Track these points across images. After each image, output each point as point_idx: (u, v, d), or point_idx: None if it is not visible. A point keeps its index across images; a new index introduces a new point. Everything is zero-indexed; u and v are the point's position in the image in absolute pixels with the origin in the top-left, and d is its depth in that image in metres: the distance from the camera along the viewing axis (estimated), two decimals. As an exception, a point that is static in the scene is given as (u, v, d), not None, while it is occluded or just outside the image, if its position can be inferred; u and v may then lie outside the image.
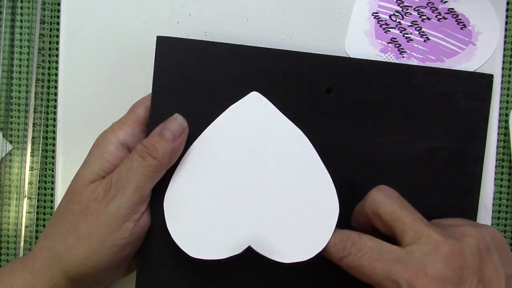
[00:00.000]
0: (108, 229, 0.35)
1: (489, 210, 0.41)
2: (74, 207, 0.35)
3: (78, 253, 0.34)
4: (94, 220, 0.34)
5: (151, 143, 0.35)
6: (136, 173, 0.35)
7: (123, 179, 0.35)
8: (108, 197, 0.35)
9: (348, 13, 0.41)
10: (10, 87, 0.43)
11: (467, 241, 0.32)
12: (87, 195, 0.35)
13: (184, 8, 0.41)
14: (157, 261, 0.38)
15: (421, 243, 0.31)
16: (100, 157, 0.36)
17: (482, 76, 0.39)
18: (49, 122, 0.43)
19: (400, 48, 0.41)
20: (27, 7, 0.42)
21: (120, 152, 0.36)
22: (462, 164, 0.38)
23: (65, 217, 0.35)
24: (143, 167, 0.35)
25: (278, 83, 0.38)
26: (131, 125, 0.37)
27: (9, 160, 0.43)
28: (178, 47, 0.37)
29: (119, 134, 0.36)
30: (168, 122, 0.36)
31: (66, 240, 0.35)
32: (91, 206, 0.35)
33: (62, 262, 0.35)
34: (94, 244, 0.34)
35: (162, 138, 0.35)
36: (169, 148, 0.35)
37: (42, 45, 0.42)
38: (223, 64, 0.38)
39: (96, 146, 0.36)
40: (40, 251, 0.35)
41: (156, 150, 0.35)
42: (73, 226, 0.35)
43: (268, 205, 0.36)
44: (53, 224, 0.36)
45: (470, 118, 0.38)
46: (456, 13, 0.41)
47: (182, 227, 0.37)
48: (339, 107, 0.38)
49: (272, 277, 0.38)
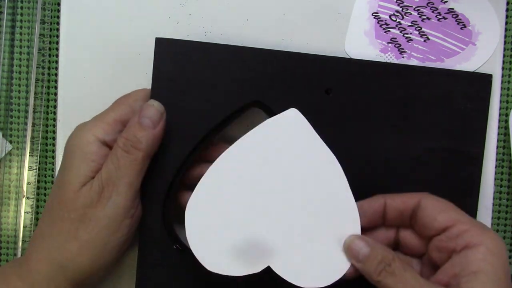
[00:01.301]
0: (109, 231, 0.34)
1: (489, 210, 0.41)
2: (70, 215, 0.34)
3: (82, 261, 0.34)
4: (94, 226, 0.34)
5: (132, 134, 0.34)
6: (125, 169, 0.34)
7: (113, 178, 0.34)
8: (103, 199, 0.34)
9: (348, 13, 0.41)
10: (10, 87, 0.43)
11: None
12: (81, 202, 0.34)
13: (184, 8, 0.41)
14: (156, 263, 0.38)
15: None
16: (83, 158, 0.35)
17: (481, 76, 0.39)
18: (49, 122, 0.43)
19: (400, 48, 0.41)
20: (27, 7, 0.42)
21: (102, 150, 0.35)
22: (462, 164, 0.38)
23: (61, 227, 0.34)
24: (130, 162, 0.34)
25: (277, 83, 0.38)
26: (111, 124, 0.36)
27: (9, 160, 0.43)
28: (177, 49, 0.37)
29: (97, 132, 0.35)
30: (144, 109, 0.35)
31: (68, 250, 0.34)
32: (88, 212, 0.34)
33: (66, 271, 0.34)
34: (97, 249, 0.34)
35: (142, 127, 0.34)
36: (151, 136, 0.34)
37: (42, 45, 0.42)
38: (222, 65, 0.37)
39: (74, 148, 0.35)
40: (38, 264, 0.34)
41: (139, 140, 0.34)
42: (72, 235, 0.34)
43: (290, 226, 0.35)
44: (47, 235, 0.35)
45: (470, 118, 0.38)
46: (456, 13, 0.41)
47: (202, 240, 0.35)
48: (338, 108, 0.38)
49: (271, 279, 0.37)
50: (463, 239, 0.32)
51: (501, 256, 0.31)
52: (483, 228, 0.32)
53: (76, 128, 0.37)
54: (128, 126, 0.35)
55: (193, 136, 0.37)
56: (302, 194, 0.35)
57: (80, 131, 0.36)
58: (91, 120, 0.37)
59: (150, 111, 0.35)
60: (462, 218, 0.33)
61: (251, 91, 0.38)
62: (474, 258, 0.31)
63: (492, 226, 0.42)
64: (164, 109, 0.36)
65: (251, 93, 0.38)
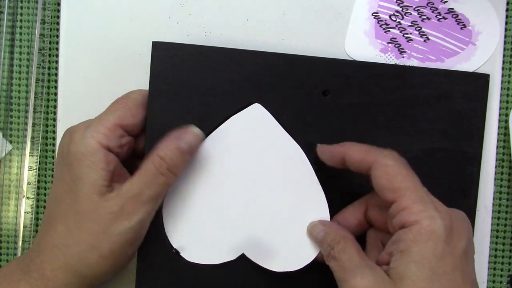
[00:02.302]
0: (130, 243, 0.35)
1: (489, 210, 0.41)
2: (90, 227, 0.34)
3: (103, 268, 0.34)
4: (116, 238, 0.34)
5: (170, 157, 0.34)
6: (155, 188, 0.34)
7: (142, 196, 0.34)
8: (128, 214, 0.34)
9: (348, 13, 0.41)
10: (10, 87, 0.43)
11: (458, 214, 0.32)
12: (101, 213, 0.34)
13: (184, 8, 0.41)
14: (156, 265, 0.38)
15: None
16: (93, 167, 0.34)
17: (478, 76, 0.39)
18: (49, 122, 0.43)
19: (400, 48, 0.41)
20: (27, 7, 0.43)
21: (107, 156, 0.35)
22: (460, 164, 0.38)
23: (79, 237, 0.34)
24: (163, 183, 0.34)
25: (274, 86, 0.38)
26: (112, 129, 0.35)
27: (9, 160, 0.43)
28: (174, 52, 0.37)
29: (101, 139, 0.35)
30: (185, 134, 0.35)
31: (88, 259, 0.34)
32: (111, 225, 0.34)
33: (85, 278, 0.34)
34: (117, 259, 0.35)
35: (180, 152, 0.34)
36: (187, 163, 0.35)
37: (42, 45, 0.42)
38: (219, 69, 0.37)
39: (81, 156, 0.34)
40: (54, 272, 0.34)
41: (176, 165, 0.34)
42: (93, 245, 0.34)
43: (262, 214, 0.37)
44: (63, 245, 0.34)
45: (467, 118, 0.38)
46: (456, 13, 0.41)
47: (179, 231, 0.37)
48: (336, 109, 0.38)
49: (267, 283, 0.38)
50: (402, 217, 0.31)
51: (431, 236, 0.30)
52: (424, 205, 0.31)
53: (72, 132, 0.36)
54: (165, 146, 0.34)
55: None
56: (271, 183, 0.37)
57: (82, 137, 0.35)
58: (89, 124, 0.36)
59: (190, 137, 0.35)
60: (407, 192, 0.31)
61: (249, 94, 0.38)
62: (405, 237, 0.30)
63: (492, 226, 0.42)
64: (204, 135, 0.36)
65: (248, 96, 0.38)
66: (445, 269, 0.30)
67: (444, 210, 0.32)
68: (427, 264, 0.29)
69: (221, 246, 0.37)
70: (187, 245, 0.37)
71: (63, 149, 0.36)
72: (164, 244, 0.37)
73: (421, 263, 0.30)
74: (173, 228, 0.37)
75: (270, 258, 0.37)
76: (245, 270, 0.38)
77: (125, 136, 0.36)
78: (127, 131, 0.36)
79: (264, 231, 0.37)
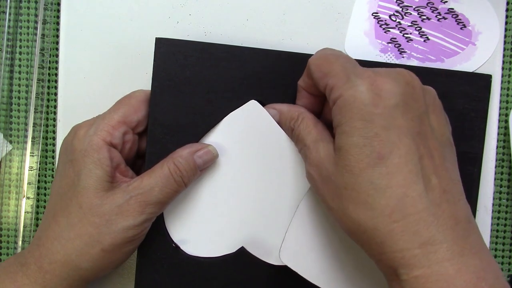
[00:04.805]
0: (132, 239, 0.35)
1: (489, 210, 0.41)
2: (93, 220, 0.34)
3: (102, 262, 0.35)
4: (119, 233, 0.34)
5: (186, 167, 0.36)
6: (167, 193, 0.35)
7: (152, 197, 0.35)
8: (132, 211, 0.34)
9: (348, 13, 0.41)
10: (11, 87, 0.43)
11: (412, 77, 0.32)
12: (106, 208, 0.34)
13: (184, 8, 0.41)
14: (156, 260, 0.38)
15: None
16: (98, 164, 0.35)
17: (480, 76, 0.39)
18: (49, 122, 0.43)
19: (400, 48, 0.41)
20: (27, 7, 0.43)
21: (111, 153, 0.35)
22: (461, 164, 0.38)
23: (81, 230, 0.34)
24: (175, 190, 0.36)
25: (275, 84, 0.38)
26: (115, 126, 0.36)
27: (9, 160, 0.43)
28: (177, 49, 0.37)
29: (105, 136, 0.35)
30: (204, 152, 0.37)
31: (89, 253, 0.34)
32: (114, 220, 0.34)
33: (84, 272, 0.35)
34: (118, 254, 0.35)
35: (196, 168, 0.36)
36: (197, 177, 0.37)
37: (43, 45, 0.42)
38: (222, 66, 0.38)
39: (86, 153, 0.35)
40: (52, 265, 0.34)
41: (189, 177, 0.36)
42: (95, 239, 0.34)
43: (260, 208, 0.38)
44: (64, 238, 0.34)
45: (469, 118, 0.38)
46: (456, 13, 0.41)
47: (179, 226, 0.38)
48: None
49: (267, 278, 0.38)
50: (331, 97, 0.31)
51: (354, 104, 0.30)
52: (347, 77, 0.31)
53: (77, 129, 0.36)
54: (183, 158, 0.36)
55: (193, 136, 0.38)
56: (268, 177, 0.38)
57: (86, 134, 0.36)
58: (93, 122, 0.37)
59: (208, 156, 0.37)
60: (333, 73, 0.31)
61: (251, 91, 0.38)
62: (335, 113, 0.31)
63: (492, 226, 0.41)
64: (218, 154, 0.38)
65: (250, 93, 0.38)
66: (376, 131, 0.29)
67: (367, 74, 0.31)
68: (356, 131, 0.30)
69: (221, 240, 0.38)
70: (187, 239, 0.38)
71: (66, 145, 0.37)
72: (164, 238, 0.38)
73: (351, 132, 0.30)
74: (173, 223, 0.38)
75: (268, 251, 0.38)
76: (244, 264, 0.38)
77: (129, 132, 0.37)
78: (131, 127, 0.37)
79: (262, 225, 0.38)
